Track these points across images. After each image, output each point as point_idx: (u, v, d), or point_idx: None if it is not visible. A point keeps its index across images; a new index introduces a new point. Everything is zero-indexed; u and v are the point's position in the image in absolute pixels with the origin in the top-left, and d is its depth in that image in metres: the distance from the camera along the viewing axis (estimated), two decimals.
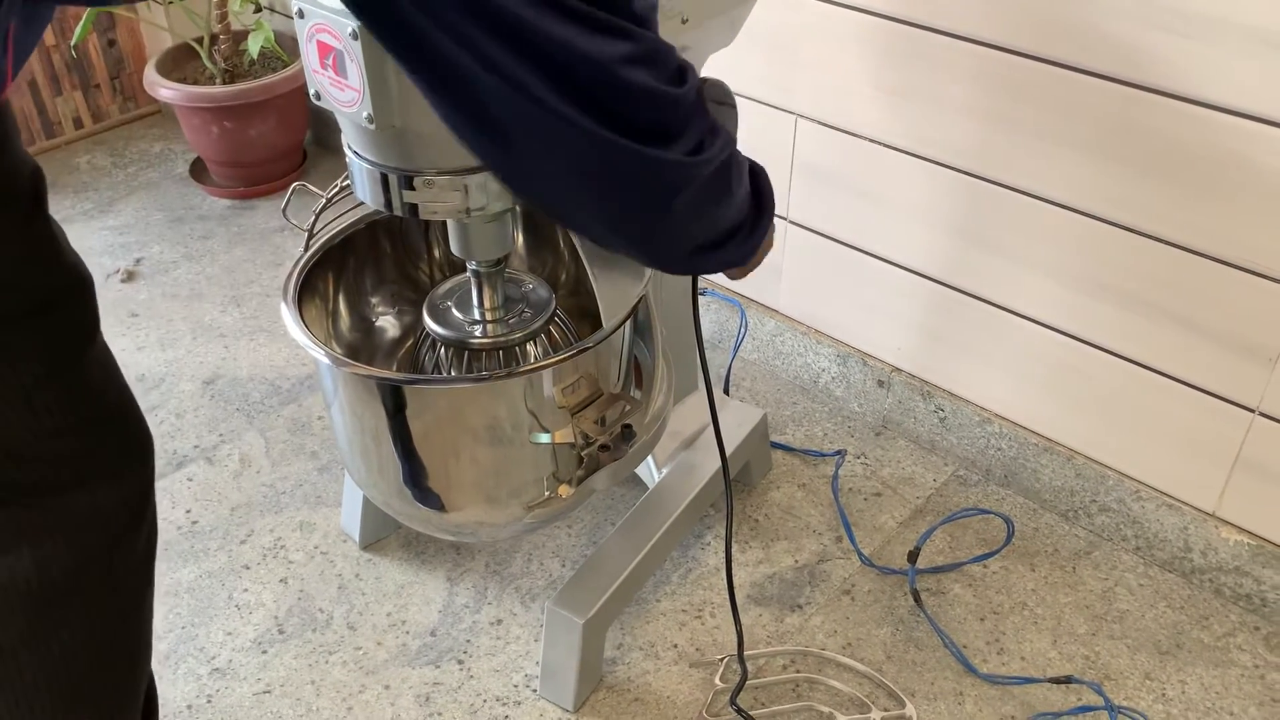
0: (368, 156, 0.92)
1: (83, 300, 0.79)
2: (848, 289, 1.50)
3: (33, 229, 0.75)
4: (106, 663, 0.89)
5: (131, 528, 0.86)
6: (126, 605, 0.89)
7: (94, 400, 0.82)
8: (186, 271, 1.90)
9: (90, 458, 0.82)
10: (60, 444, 0.79)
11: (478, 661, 1.24)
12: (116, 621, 0.88)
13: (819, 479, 1.47)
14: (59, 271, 0.78)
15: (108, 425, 0.83)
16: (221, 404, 1.61)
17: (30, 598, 0.80)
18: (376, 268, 1.22)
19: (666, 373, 1.19)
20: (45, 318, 0.76)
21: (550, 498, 1.08)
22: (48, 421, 0.78)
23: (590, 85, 0.67)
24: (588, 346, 1.00)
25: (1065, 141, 1.19)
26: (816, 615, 1.29)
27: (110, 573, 0.85)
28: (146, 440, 0.87)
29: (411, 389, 1.01)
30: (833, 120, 1.39)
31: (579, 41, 0.65)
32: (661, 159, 0.72)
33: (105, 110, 2.32)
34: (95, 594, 0.85)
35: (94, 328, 0.81)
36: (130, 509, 0.86)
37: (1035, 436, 1.39)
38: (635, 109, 0.70)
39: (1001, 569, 1.34)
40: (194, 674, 1.23)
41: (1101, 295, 1.25)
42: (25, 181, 0.74)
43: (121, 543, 0.86)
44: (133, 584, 0.89)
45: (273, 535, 1.40)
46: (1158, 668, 1.22)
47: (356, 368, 1.02)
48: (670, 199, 0.77)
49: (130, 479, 0.86)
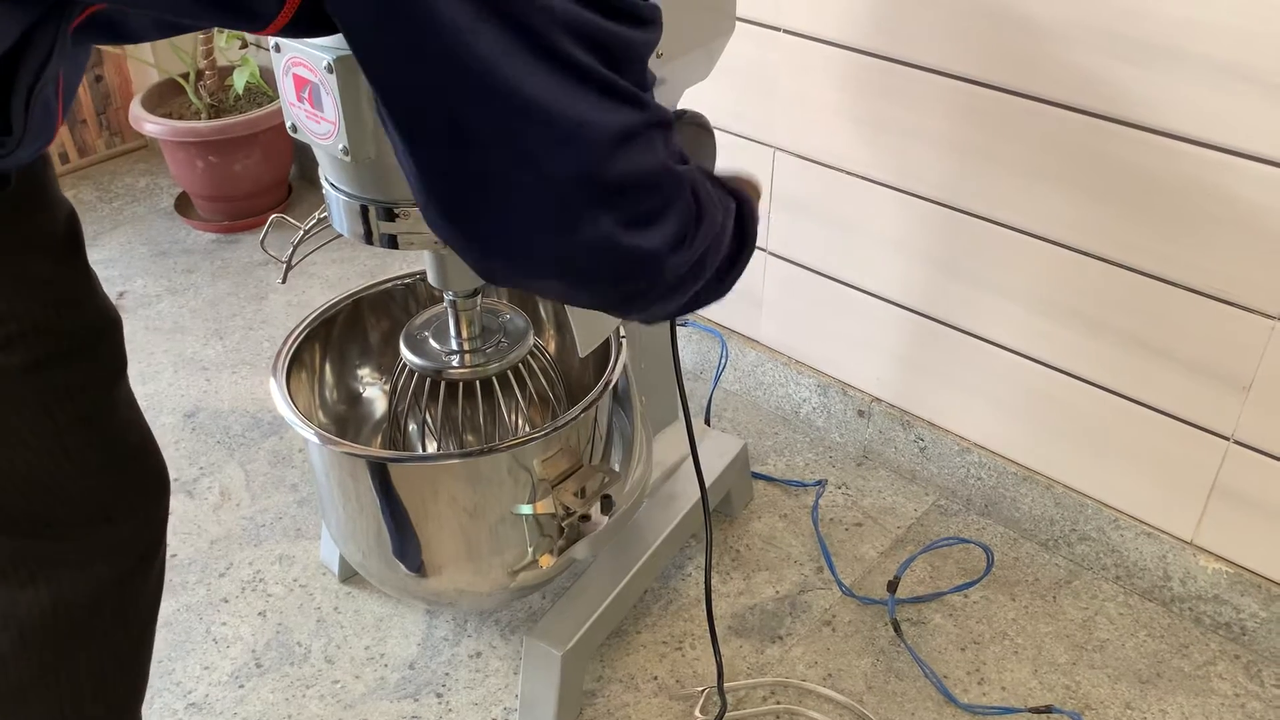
0: (345, 189, 0.93)
1: (113, 341, 0.80)
2: (828, 320, 1.51)
3: (69, 271, 0.76)
4: (111, 697, 0.89)
5: (146, 562, 0.87)
6: (134, 639, 0.90)
7: (121, 439, 0.83)
8: (170, 305, 1.91)
9: (115, 494, 0.83)
10: (89, 482, 0.80)
11: (456, 694, 1.23)
12: (124, 655, 0.89)
13: (800, 509, 1.47)
14: (92, 314, 0.78)
15: (132, 463, 0.84)
16: (202, 437, 1.61)
17: (45, 631, 0.81)
18: (363, 340, 1.26)
19: (646, 442, 1.21)
20: (79, 360, 0.76)
21: (531, 566, 1.10)
22: (79, 461, 0.78)
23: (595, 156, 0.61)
24: (568, 420, 1.03)
25: (1037, 173, 1.21)
26: (797, 646, 1.28)
27: (123, 607, 0.86)
28: (165, 476, 0.88)
29: (396, 466, 1.04)
30: (810, 153, 1.41)
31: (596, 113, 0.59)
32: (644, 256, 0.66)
33: (91, 145, 2.33)
34: (107, 628, 0.85)
35: (123, 368, 0.82)
36: (145, 544, 0.87)
37: (1014, 466, 1.40)
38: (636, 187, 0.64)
39: (982, 599, 1.34)
40: (170, 709, 1.22)
41: (1077, 324, 1.26)
42: (62, 224, 0.75)
43: (135, 577, 0.86)
44: (142, 619, 0.90)
45: (252, 568, 1.39)
46: (1138, 697, 1.22)
47: (342, 445, 1.05)
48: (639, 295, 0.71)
49: (148, 514, 0.87)
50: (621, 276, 0.67)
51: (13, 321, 0.70)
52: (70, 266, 0.75)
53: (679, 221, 0.67)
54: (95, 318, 0.78)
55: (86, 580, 0.81)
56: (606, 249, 0.64)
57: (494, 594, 1.16)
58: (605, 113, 0.60)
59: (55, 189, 0.74)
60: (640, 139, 0.62)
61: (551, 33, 0.56)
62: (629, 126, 0.61)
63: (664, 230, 0.66)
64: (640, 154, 0.62)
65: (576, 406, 1.05)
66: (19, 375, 0.72)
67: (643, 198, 0.64)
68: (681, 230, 0.68)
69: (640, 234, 0.64)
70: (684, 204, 0.68)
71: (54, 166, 0.75)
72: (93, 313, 0.78)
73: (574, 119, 0.58)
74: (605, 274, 0.66)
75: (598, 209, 0.62)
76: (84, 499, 0.80)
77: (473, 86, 0.56)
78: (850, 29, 1.29)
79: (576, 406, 1.05)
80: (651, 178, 0.64)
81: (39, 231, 0.72)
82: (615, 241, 0.63)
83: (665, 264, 0.67)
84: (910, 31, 1.24)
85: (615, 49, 0.60)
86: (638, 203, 0.64)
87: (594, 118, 0.59)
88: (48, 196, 0.73)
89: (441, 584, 1.13)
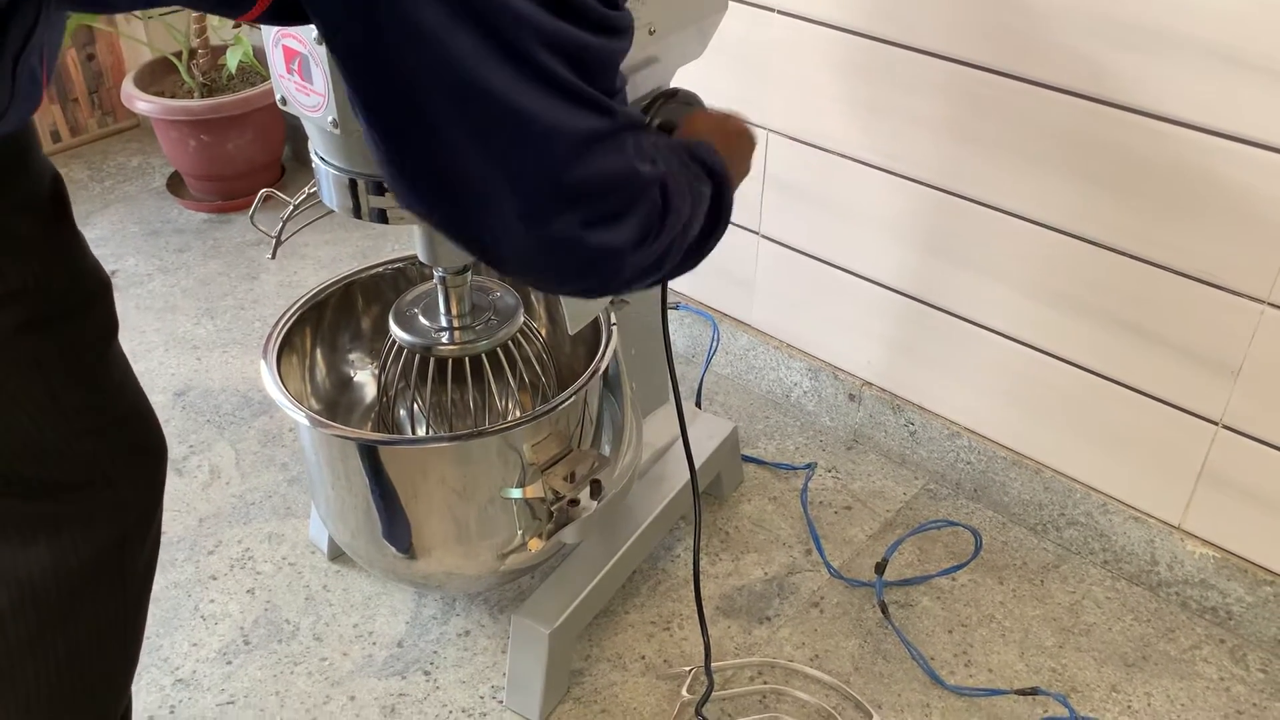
0: (334, 162, 0.93)
1: (105, 303, 0.81)
2: (819, 303, 1.51)
3: (57, 234, 0.76)
4: (106, 661, 0.90)
5: (143, 526, 0.88)
6: (130, 604, 0.90)
7: (115, 401, 0.84)
8: (161, 284, 1.90)
9: (111, 456, 0.83)
10: (85, 443, 0.81)
11: (444, 673, 1.23)
12: (120, 619, 0.90)
13: (790, 492, 1.47)
14: (82, 275, 0.79)
15: (128, 425, 0.85)
16: (192, 415, 1.61)
17: (45, 592, 0.81)
18: (354, 325, 1.26)
19: (636, 427, 1.21)
20: (71, 320, 0.77)
21: (520, 550, 1.10)
22: (74, 423, 0.79)
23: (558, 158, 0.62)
24: (558, 405, 1.03)
25: (1030, 156, 1.21)
26: (785, 627, 1.28)
27: (121, 570, 0.87)
28: (161, 440, 0.89)
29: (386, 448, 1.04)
30: (803, 135, 1.41)
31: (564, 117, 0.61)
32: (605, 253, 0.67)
33: (83, 124, 2.32)
34: (105, 590, 0.86)
35: (114, 330, 0.83)
36: (144, 507, 0.88)
37: (1004, 450, 1.40)
38: (600, 189, 0.65)
39: (970, 582, 1.34)
40: (157, 684, 1.22)
41: (1067, 309, 1.26)
42: (47, 187, 0.75)
43: (134, 540, 0.87)
44: (138, 583, 0.90)
45: (241, 546, 1.39)
46: (1124, 680, 1.23)
47: (332, 427, 1.05)
48: (605, 284, 0.73)
49: (146, 477, 0.87)
50: (583, 271, 0.68)
51: (2, 282, 0.70)
52: (57, 229, 0.76)
53: (643, 221, 0.68)
54: (86, 280, 0.78)
55: (87, 542, 0.82)
56: (569, 246, 0.65)
57: (483, 577, 1.16)
58: (573, 118, 0.61)
59: (39, 154, 0.74)
60: (607, 143, 0.64)
61: (523, 39, 0.58)
62: (596, 131, 0.63)
63: (626, 230, 0.67)
64: (606, 157, 0.64)
65: (566, 391, 1.05)
66: (11, 335, 0.72)
67: (607, 199, 0.66)
68: (645, 229, 0.69)
69: (603, 233, 0.66)
70: (649, 204, 0.69)
71: (37, 133, 0.75)
72: (83, 275, 0.78)
73: (543, 123, 0.60)
74: (567, 268, 0.68)
75: (562, 208, 0.64)
76: (81, 461, 0.80)
77: (444, 85, 0.58)
78: (844, 10, 1.29)
79: (566, 391, 1.05)
80: (616, 180, 0.66)
81: (24, 195, 0.72)
82: (578, 239, 0.65)
83: (626, 260, 0.69)
84: (905, 14, 1.23)
85: (586, 57, 0.61)
86: (602, 203, 0.65)
87: (562, 122, 0.61)
88: (32, 161, 0.73)
89: (430, 566, 1.13)
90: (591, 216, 0.65)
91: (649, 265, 0.72)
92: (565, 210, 0.63)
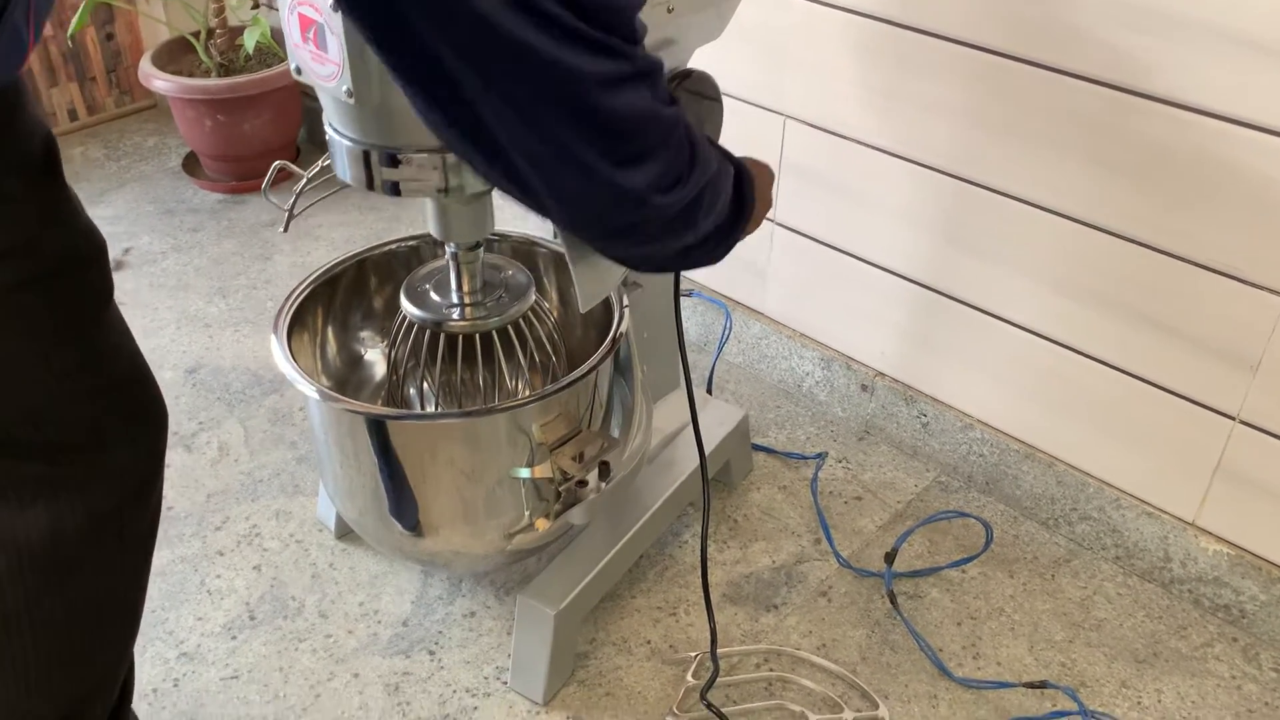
0: (348, 134, 0.92)
1: (98, 265, 0.80)
2: (834, 292, 1.50)
3: (49, 193, 0.76)
4: (105, 628, 0.90)
5: (143, 493, 0.87)
6: (129, 571, 0.90)
7: (111, 364, 0.83)
8: (174, 262, 1.90)
9: (108, 420, 0.83)
10: (80, 407, 0.80)
11: (449, 653, 1.22)
12: (119, 586, 0.89)
13: (800, 481, 1.46)
14: (76, 236, 0.78)
15: (125, 389, 0.85)
16: (203, 392, 1.61)
17: (41, 558, 0.81)
18: (366, 303, 1.25)
19: (646, 410, 1.21)
20: (64, 281, 0.76)
21: (527, 530, 1.09)
22: (68, 384, 0.79)
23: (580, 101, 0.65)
24: (568, 383, 1.02)
25: (1050, 145, 1.19)
26: (792, 615, 1.28)
27: (120, 536, 0.86)
28: (161, 407, 0.88)
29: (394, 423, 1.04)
30: (821, 122, 1.40)
31: (576, 60, 0.63)
32: (628, 190, 0.70)
33: (101, 103, 2.32)
34: (103, 556, 0.85)
35: (109, 293, 0.82)
36: (142, 474, 0.87)
37: (1017, 443, 1.39)
38: (620, 130, 0.67)
39: (980, 574, 1.33)
40: (162, 657, 1.22)
41: (1084, 300, 1.24)
42: (39, 147, 0.75)
43: (133, 506, 0.87)
44: (137, 550, 0.90)
45: (248, 523, 1.39)
46: (1134, 676, 1.21)
47: (341, 401, 1.04)
48: (630, 231, 0.75)
49: (145, 443, 0.87)
50: (610, 211, 0.71)
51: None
52: (49, 189, 0.75)
53: (668, 163, 0.71)
54: (79, 240, 0.78)
55: (85, 507, 0.81)
56: (596, 184, 0.68)
57: (489, 556, 1.16)
58: (592, 63, 0.64)
59: (32, 113, 0.73)
60: (626, 85, 0.66)
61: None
62: (614, 74, 0.65)
63: (651, 170, 0.70)
64: (626, 98, 0.66)
65: (578, 370, 1.04)
66: (3, 294, 0.71)
67: (629, 138, 0.68)
68: (670, 171, 0.72)
69: (627, 172, 0.68)
70: (675, 146, 0.72)
71: (29, 92, 0.74)
72: (76, 235, 0.77)
73: (564, 68, 0.63)
74: (593, 206, 0.71)
75: (585, 147, 0.66)
76: (77, 424, 0.80)
77: (459, 38, 0.60)
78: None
79: (578, 370, 1.04)
80: (637, 120, 0.68)
81: (15, 153, 0.71)
82: (603, 177, 0.68)
83: (652, 202, 0.71)
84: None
85: (600, 10, 0.63)
86: (625, 142, 0.68)
87: (581, 66, 0.63)
88: (22, 120, 0.72)
89: (437, 545, 1.12)
90: (615, 156, 0.67)
91: (677, 214, 0.74)
92: (588, 149, 0.66)
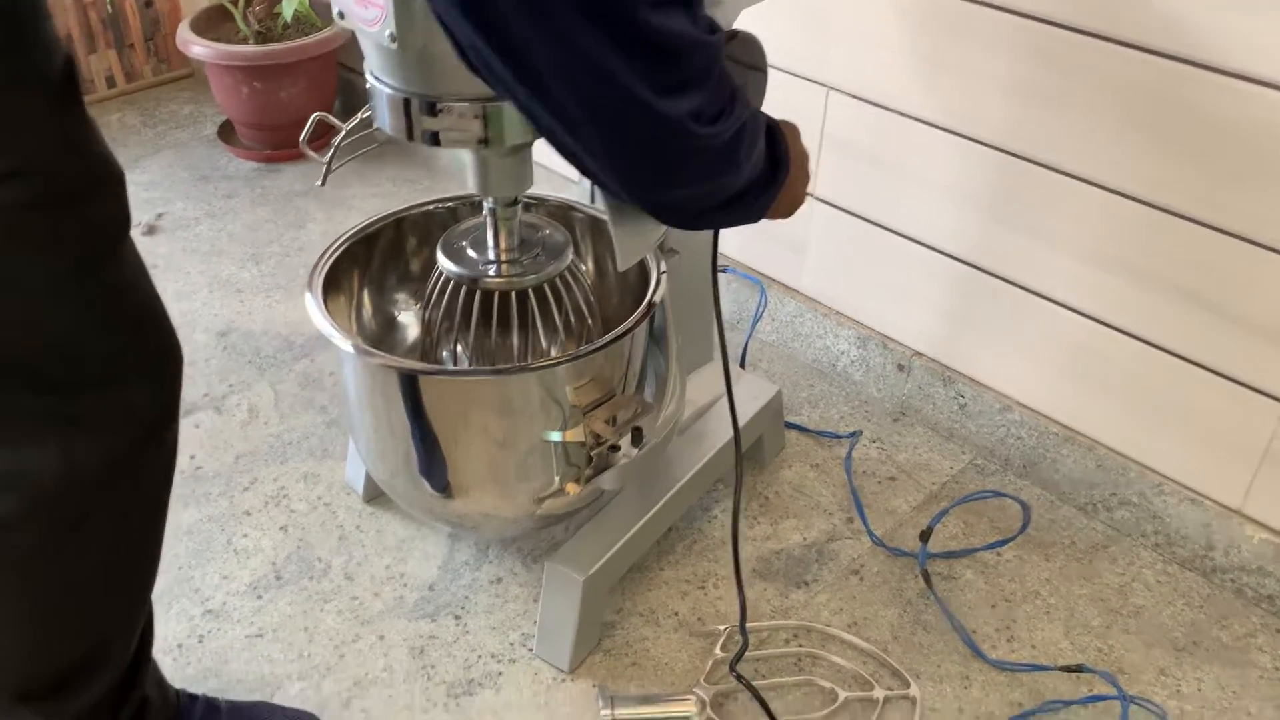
0: (388, 81, 0.91)
1: (118, 193, 0.78)
2: (872, 269, 1.48)
3: (67, 115, 0.74)
4: (120, 572, 0.89)
5: (158, 434, 0.86)
6: (145, 514, 0.89)
7: (128, 298, 0.81)
8: (208, 228, 1.90)
9: (124, 356, 0.81)
10: (97, 340, 0.78)
11: (474, 618, 1.21)
12: (135, 529, 0.88)
13: (832, 460, 1.44)
14: (95, 161, 0.76)
15: (141, 326, 0.83)
16: (234, 356, 1.60)
17: (54, 497, 0.80)
18: (403, 266, 1.24)
19: (679, 379, 1.19)
20: (82, 206, 0.75)
21: (558, 494, 1.08)
22: (85, 315, 0.77)
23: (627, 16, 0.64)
24: (603, 344, 1.01)
25: (1103, 118, 1.16)
26: (823, 593, 1.25)
27: (135, 477, 0.85)
28: (177, 348, 0.86)
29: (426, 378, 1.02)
30: (865, 93, 1.37)
31: None
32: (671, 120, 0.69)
33: (138, 70, 2.33)
34: (118, 497, 0.84)
35: (126, 224, 0.80)
36: (158, 415, 0.85)
37: (1057, 426, 1.36)
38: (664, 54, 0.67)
39: (1015, 558, 1.30)
40: (187, 614, 1.21)
41: (1132, 278, 1.21)
42: (58, 66, 0.73)
43: (148, 448, 0.85)
44: (153, 494, 0.89)
45: (276, 484, 1.38)
46: (1173, 664, 1.18)
47: (375, 355, 1.02)
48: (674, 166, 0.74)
49: (161, 384, 0.85)
50: (653, 144, 0.70)
51: (10, 156, 0.68)
52: (68, 110, 0.73)
53: (710, 93, 0.71)
54: (97, 165, 0.76)
55: (99, 445, 0.80)
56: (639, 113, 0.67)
57: (519, 520, 1.14)
58: None
59: (49, 32, 0.72)
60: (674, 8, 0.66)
61: None
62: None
63: (694, 99, 0.69)
64: (673, 19, 0.65)
65: (614, 331, 1.03)
66: (16, 213, 0.70)
67: (673, 63, 0.67)
68: (713, 103, 0.71)
69: (671, 100, 0.68)
70: (717, 78, 0.71)
71: (47, 8, 0.72)
72: (94, 160, 0.75)
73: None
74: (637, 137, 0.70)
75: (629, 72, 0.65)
76: (94, 357, 0.78)
77: None
78: None
79: (614, 331, 1.03)
80: (681, 44, 0.67)
81: (32, 69, 0.69)
82: (646, 105, 0.67)
83: (695, 133, 0.71)
84: None
85: None
86: (668, 68, 0.67)
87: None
88: (40, 34, 0.70)
89: (467, 506, 1.11)
90: (663, 81, 0.66)
91: (721, 149, 0.73)
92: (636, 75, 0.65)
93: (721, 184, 0.79)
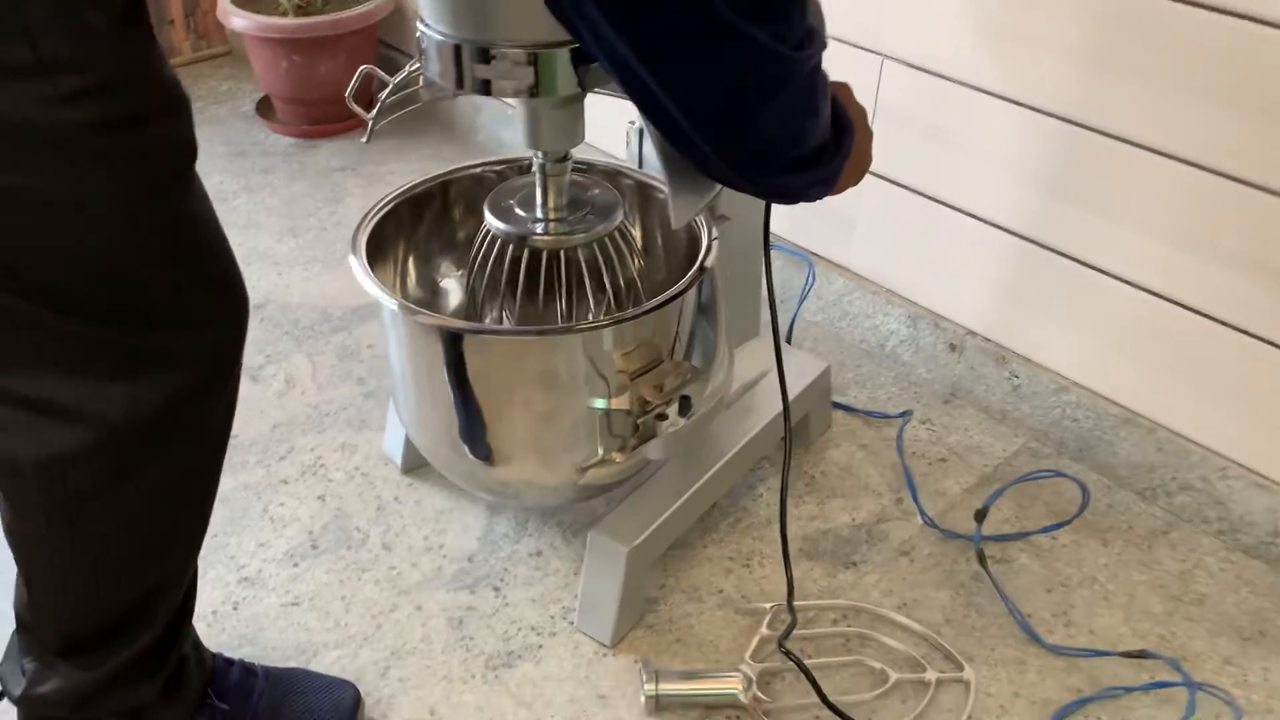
0: (440, 28, 0.88)
1: (183, 118, 0.75)
2: (925, 245, 1.43)
3: (134, 35, 0.71)
4: (173, 520, 0.87)
5: (221, 380, 0.83)
6: (202, 462, 0.87)
7: (197, 232, 0.79)
8: (245, 202, 1.88)
9: (191, 294, 0.78)
10: (161, 270, 0.76)
11: (514, 590, 1.18)
12: (191, 477, 0.86)
13: (881, 441, 1.40)
14: (162, 84, 0.74)
15: (207, 260, 0.80)
16: (271, 327, 1.58)
17: (117, 434, 0.77)
18: (448, 233, 1.21)
19: (728, 350, 1.16)
20: (149, 129, 0.72)
21: (603, 461, 1.04)
22: (150, 242, 0.74)
23: None
24: (651, 308, 0.97)
25: (1175, 84, 1.12)
26: (872, 574, 1.22)
27: (197, 422, 0.83)
28: (243, 287, 0.84)
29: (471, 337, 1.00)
30: (922, 62, 1.33)
31: None
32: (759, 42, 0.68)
33: (178, 47, 2.32)
34: (179, 440, 0.82)
35: (194, 153, 0.77)
36: (222, 360, 0.83)
37: (1115, 407, 1.31)
38: None
39: (1072, 542, 1.26)
40: (222, 581, 1.19)
41: (1200, 253, 1.17)
42: None
43: (210, 393, 0.83)
44: (212, 440, 0.87)
45: (313, 454, 1.36)
46: (1239, 653, 1.14)
47: (419, 313, 1.00)
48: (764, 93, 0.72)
49: (226, 328, 0.83)
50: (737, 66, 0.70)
51: (78, 75, 0.65)
52: (133, 30, 0.70)
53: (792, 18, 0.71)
54: (164, 88, 0.73)
55: (162, 389, 0.78)
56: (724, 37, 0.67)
57: (560, 489, 1.11)
58: None
59: None
60: None
61: None
62: None
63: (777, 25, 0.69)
64: None
65: (663, 294, 0.99)
66: (82, 132, 0.67)
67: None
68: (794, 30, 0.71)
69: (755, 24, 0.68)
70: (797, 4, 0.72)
71: None
72: (162, 83, 0.73)
73: None
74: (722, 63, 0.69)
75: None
76: (156, 289, 0.76)
77: None
78: None
79: (663, 294, 0.99)
80: None
81: None
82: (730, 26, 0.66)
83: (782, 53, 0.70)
84: None
85: None
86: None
87: None
88: None
89: (509, 474, 1.08)
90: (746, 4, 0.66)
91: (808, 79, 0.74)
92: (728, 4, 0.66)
93: (802, 127, 0.77)
